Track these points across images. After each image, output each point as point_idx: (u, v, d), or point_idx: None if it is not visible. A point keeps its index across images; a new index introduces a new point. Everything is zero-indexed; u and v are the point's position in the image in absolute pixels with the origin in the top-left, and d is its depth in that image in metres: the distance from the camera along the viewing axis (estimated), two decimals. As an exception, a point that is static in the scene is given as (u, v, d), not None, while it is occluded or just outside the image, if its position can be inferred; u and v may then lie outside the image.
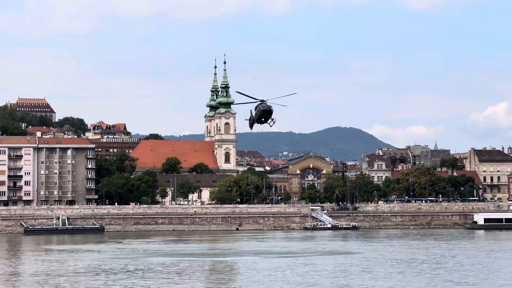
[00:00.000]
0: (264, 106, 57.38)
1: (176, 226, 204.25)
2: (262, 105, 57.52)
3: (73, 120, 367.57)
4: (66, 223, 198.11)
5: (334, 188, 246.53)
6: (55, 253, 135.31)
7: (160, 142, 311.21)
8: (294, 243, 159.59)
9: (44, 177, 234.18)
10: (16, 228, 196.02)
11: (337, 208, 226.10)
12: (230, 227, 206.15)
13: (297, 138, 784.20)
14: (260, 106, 57.58)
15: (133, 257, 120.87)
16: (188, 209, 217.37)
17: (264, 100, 58.22)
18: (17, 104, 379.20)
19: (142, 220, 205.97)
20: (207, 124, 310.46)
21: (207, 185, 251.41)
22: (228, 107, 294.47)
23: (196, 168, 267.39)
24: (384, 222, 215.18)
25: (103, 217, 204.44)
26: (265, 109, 57.34)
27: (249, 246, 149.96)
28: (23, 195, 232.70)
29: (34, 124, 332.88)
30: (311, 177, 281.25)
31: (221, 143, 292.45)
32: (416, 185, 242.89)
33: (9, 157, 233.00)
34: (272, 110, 57.65)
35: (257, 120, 58.14)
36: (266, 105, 57.47)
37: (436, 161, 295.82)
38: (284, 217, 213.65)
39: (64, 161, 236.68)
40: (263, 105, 57.49)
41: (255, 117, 58.02)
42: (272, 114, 58.04)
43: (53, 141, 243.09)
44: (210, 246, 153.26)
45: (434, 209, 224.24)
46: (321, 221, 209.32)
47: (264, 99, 58.65)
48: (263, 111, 57.53)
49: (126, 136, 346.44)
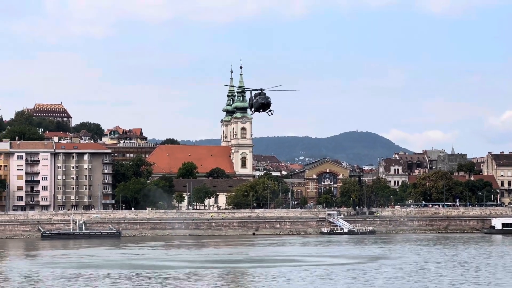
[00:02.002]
0: (263, 98, 57.77)
1: (192, 231, 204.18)
2: (261, 97, 57.89)
3: (90, 125, 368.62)
4: (83, 228, 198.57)
5: (351, 192, 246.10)
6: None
7: (177, 147, 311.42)
8: (329, 248, 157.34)
9: (61, 182, 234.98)
10: (33, 233, 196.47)
11: (353, 213, 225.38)
12: (246, 232, 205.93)
13: (314, 143, 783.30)
14: (258, 97, 57.94)
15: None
16: (205, 214, 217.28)
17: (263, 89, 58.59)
18: (34, 110, 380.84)
19: (159, 225, 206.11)
20: (223, 129, 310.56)
21: (223, 190, 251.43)
22: (244, 111, 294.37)
23: (212, 173, 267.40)
24: (401, 227, 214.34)
25: (119, 222, 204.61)
26: (263, 101, 57.81)
27: (286, 252, 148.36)
28: (40, 200, 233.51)
29: (51, 129, 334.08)
30: (328, 181, 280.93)
31: (237, 148, 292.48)
32: (433, 189, 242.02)
33: (26, 162, 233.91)
34: (270, 103, 58.05)
35: (256, 109, 58.67)
36: (265, 97, 57.83)
37: (453, 166, 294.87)
38: (300, 221, 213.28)
39: (81, 166, 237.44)
40: (262, 97, 57.85)
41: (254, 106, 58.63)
42: (270, 106, 58.55)
43: (70, 146, 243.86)
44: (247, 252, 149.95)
45: (451, 213, 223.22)
46: (338, 225, 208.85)
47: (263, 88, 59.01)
48: (261, 104, 58.03)
49: (142, 141, 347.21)
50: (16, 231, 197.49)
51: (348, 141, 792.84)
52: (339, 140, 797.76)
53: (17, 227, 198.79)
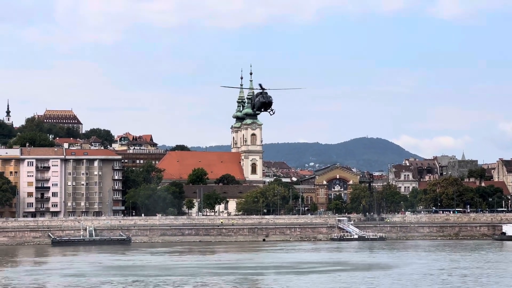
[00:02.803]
0: (264, 97, 57.68)
1: (202, 237, 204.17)
2: (263, 96, 57.78)
3: (100, 131, 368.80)
4: (93, 234, 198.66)
5: (361, 198, 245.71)
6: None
7: (187, 153, 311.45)
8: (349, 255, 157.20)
9: (71, 188, 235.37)
10: (43, 240, 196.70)
11: (363, 219, 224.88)
12: (256, 238, 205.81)
13: (324, 149, 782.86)
14: (260, 96, 57.82)
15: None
16: (215, 220, 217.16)
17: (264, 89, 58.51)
18: (44, 116, 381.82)
19: (169, 231, 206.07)
20: (233, 135, 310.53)
21: (233, 196, 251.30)
22: (254, 118, 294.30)
23: (222, 179, 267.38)
24: (411, 233, 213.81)
25: (129, 228, 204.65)
26: (264, 100, 57.76)
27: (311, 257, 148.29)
28: (50, 206, 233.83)
29: (62, 135, 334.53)
30: (338, 187, 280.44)
31: (247, 154, 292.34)
32: (444, 195, 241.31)
33: (36, 168, 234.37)
34: (272, 102, 57.90)
35: (257, 109, 58.62)
36: (266, 96, 57.77)
37: (464, 172, 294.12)
38: (310, 227, 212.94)
39: (91, 172, 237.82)
40: (263, 96, 57.75)
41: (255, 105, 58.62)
42: (271, 105, 58.31)
43: (80, 153, 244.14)
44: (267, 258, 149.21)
45: (462, 220, 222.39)
46: (348, 231, 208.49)
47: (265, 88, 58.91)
48: (262, 103, 57.96)
49: (152, 147, 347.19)
50: (26, 237, 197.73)
51: (358, 147, 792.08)
52: (349, 146, 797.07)
53: (27, 233, 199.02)
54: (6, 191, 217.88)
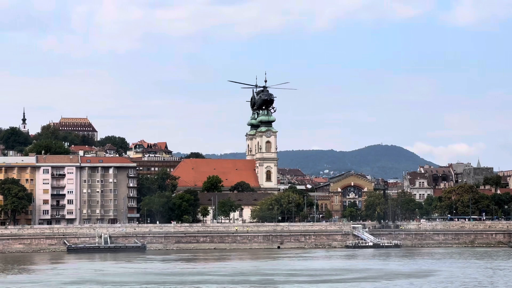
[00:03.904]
0: (266, 95, 57.55)
1: (217, 244, 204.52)
2: (264, 94, 57.64)
3: (115, 139, 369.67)
4: (108, 241, 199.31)
5: (376, 206, 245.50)
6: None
7: (201, 161, 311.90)
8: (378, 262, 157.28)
9: (87, 195, 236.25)
10: (59, 247, 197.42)
11: (378, 226, 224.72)
12: (271, 245, 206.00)
13: (338, 156, 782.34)
14: (261, 94, 57.67)
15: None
16: (230, 227, 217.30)
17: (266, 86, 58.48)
18: (60, 124, 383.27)
19: (184, 238, 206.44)
20: (248, 143, 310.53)
21: (248, 203, 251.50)
22: (269, 125, 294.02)
23: (237, 186, 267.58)
24: (426, 241, 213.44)
25: (144, 236, 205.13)
26: (266, 98, 57.62)
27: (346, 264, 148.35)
28: (66, 213, 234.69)
29: (77, 143, 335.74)
30: (352, 195, 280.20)
31: (262, 162, 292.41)
32: (459, 203, 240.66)
33: (52, 176, 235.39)
34: (273, 100, 57.81)
35: (258, 107, 58.48)
36: (268, 93, 57.66)
37: (479, 179, 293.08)
38: (325, 235, 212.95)
39: (106, 180, 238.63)
40: (265, 94, 57.64)
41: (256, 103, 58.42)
42: (273, 103, 58.12)
43: (95, 160, 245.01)
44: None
45: (477, 227, 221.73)
46: (363, 239, 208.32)
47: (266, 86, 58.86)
48: (263, 100, 57.78)
49: (167, 155, 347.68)
50: (42, 244, 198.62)
51: (372, 154, 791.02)
52: (364, 154, 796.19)
53: (43, 240, 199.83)
54: (22, 199, 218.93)
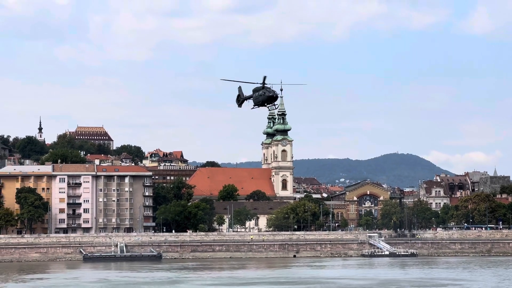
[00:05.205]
0: (270, 91, 56.26)
1: (233, 253, 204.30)
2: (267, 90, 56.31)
3: (131, 148, 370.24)
4: (124, 250, 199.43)
5: (392, 214, 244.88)
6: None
7: (217, 170, 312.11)
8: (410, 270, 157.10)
9: (103, 204, 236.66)
10: (75, 256, 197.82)
11: (394, 235, 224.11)
12: (287, 254, 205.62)
13: (354, 165, 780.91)
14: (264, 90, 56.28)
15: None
16: (245, 236, 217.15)
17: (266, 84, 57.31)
18: (76, 133, 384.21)
19: (199, 247, 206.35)
20: (264, 151, 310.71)
21: (264, 212, 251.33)
22: (285, 134, 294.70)
23: (253, 195, 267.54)
24: (443, 250, 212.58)
25: (160, 245, 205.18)
26: (271, 94, 56.25)
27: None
28: (82, 222, 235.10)
29: (93, 152, 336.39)
30: (368, 203, 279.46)
31: (278, 170, 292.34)
32: (476, 212, 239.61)
33: (68, 185, 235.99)
34: (278, 96, 56.81)
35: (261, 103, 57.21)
36: (271, 90, 56.41)
37: (496, 188, 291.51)
38: (341, 244, 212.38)
39: (122, 189, 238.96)
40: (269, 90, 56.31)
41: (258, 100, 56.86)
42: (277, 99, 57.09)
43: (111, 169, 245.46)
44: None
45: (494, 236, 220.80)
46: (379, 248, 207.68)
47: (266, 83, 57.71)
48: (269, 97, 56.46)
49: (183, 163, 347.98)
50: (58, 253, 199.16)
51: (388, 163, 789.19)
52: (380, 162, 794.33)
53: (59, 249, 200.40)
54: (38, 207, 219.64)
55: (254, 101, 58.77)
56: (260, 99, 57.73)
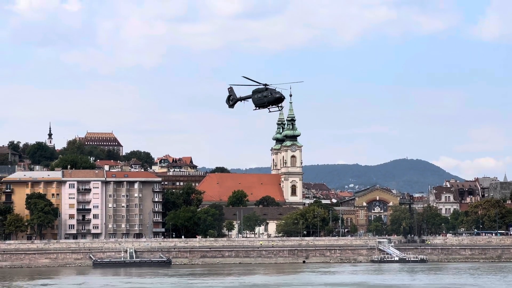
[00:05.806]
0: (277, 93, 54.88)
1: (242, 259, 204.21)
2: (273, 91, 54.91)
3: (140, 153, 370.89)
4: (134, 256, 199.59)
5: (401, 220, 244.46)
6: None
7: (226, 175, 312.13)
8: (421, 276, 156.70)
9: (112, 210, 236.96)
10: (85, 261, 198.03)
11: (404, 241, 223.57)
12: (296, 260, 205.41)
13: (364, 170, 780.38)
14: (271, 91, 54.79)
15: None
16: (255, 242, 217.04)
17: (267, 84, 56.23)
18: (85, 138, 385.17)
19: (209, 253, 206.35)
20: (273, 157, 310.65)
21: (273, 217, 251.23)
22: (294, 140, 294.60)
23: (262, 201, 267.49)
24: (453, 255, 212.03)
25: (170, 250, 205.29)
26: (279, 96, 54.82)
27: None
28: (91, 228, 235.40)
29: (102, 157, 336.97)
30: (378, 209, 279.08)
31: (287, 176, 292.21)
32: (486, 217, 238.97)
33: (78, 190, 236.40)
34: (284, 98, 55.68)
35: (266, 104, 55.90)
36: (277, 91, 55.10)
37: (506, 194, 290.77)
38: (350, 249, 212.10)
39: (131, 195, 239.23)
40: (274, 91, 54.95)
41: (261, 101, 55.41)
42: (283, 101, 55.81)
43: (120, 175, 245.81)
44: None
45: (504, 242, 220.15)
46: (389, 253, 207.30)
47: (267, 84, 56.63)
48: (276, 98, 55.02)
49: (192, 169, 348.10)
50: (68, 259, 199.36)
51: (398, 168, 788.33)
52: (389, 168, 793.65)
53: (69, 255, 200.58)
54: (48, 213, 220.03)
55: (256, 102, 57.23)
56: (265, 100, 56.27)
